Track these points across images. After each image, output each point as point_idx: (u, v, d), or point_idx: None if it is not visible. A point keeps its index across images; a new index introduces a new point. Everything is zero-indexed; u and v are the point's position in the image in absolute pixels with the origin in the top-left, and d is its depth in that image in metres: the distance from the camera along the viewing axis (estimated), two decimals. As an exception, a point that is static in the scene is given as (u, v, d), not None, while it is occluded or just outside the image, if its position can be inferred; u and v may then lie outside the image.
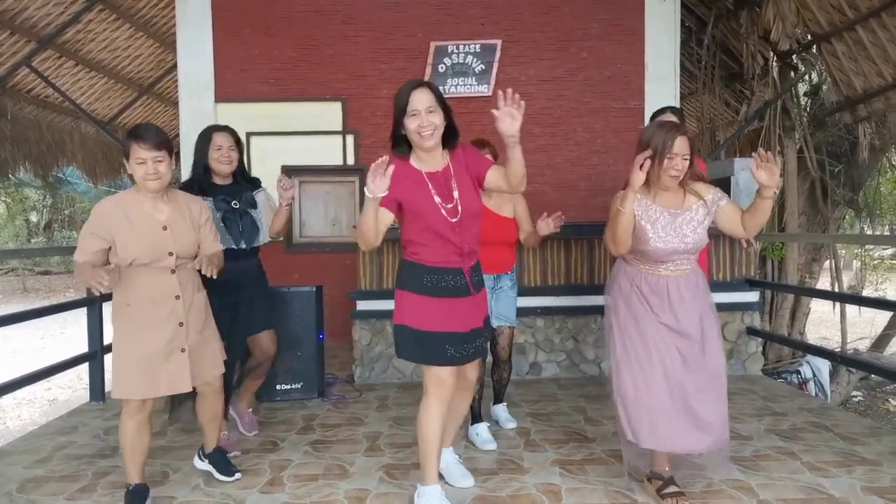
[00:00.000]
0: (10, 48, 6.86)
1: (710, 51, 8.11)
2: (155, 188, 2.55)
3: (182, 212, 2.67)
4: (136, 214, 2.55)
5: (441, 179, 2.49)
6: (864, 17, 5.89)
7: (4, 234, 21.51)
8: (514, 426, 3.64)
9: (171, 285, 2.59)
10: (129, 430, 2.60)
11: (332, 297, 5.02)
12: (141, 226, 2.54)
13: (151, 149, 2.50)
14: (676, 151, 2.58)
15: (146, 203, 2.59)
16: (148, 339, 2.55)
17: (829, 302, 7.73)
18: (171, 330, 2.58)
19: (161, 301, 2.58)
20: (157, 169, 2.52)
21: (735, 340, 4.82)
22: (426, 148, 2.46)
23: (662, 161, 2.58)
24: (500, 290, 3.45)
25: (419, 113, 2.41)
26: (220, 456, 3.00)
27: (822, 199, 7.44)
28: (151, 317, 2.56)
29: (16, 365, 8.83)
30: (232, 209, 3.32)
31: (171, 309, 2.59)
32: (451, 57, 6.49)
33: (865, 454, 3.16)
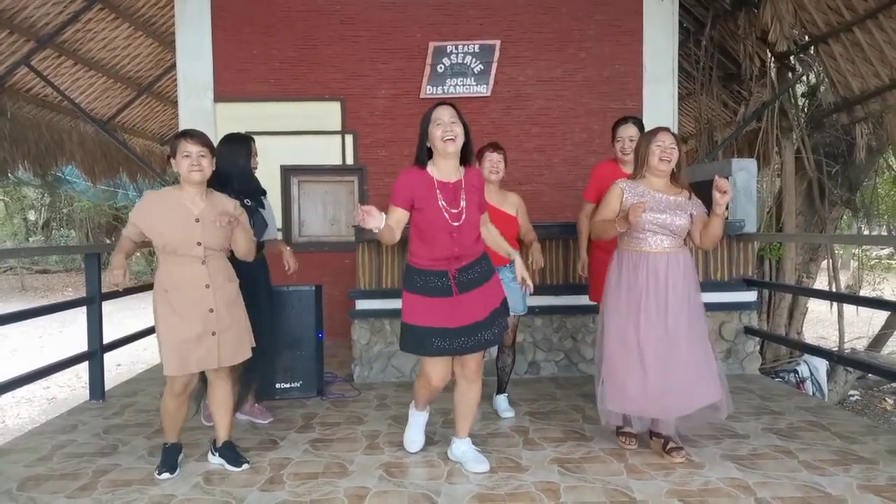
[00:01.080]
0: (9, 47, 6.86)
1: (708, 52, 8.14)
2: (197, 179, 2.85)
3: (215, 208, 2.92)
4: (173, 206, 2.86)
5: (451, 189, 2.86)
6: (861, 18, 5.92)
7: (2, 232, 21.49)
8: (511, 416, 3.85)
9: (201, 275, 2.88)
10: (170, 407, 2.97)
11: (332, 297, 5.05)
12: (175, 216, 2.84)
13: (197, 144, 2.84)
14: (662, 141, 3.06)
15: (185, 197, 2.88)
16: (183, 324, 2.85)
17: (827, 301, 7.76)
18: (201, 317, 2.87)
19: (192, 290, 2.87)
20: (201, 162, 2.84)
21: (733, 340, 4.84)
22: (447, 153, 2.82)
23: (650, 147, 3.07)
24: (503, 282, 3.42)
25: (443, 122, 2.79)
26: (228, 449, 3.11)
27: (819, 200, 7.47)
28: (184, 303, 2.85)
29: (15, 363, 8.84)
30: (244, 205, 3.39)
31: (200, 297, 2.87)
32: (449, 57, 6.51)
33: (862, 453, 3.18)
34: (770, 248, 7.26)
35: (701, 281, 4.76)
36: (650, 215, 3.02)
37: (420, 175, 2.86)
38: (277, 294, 4.23)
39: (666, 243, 3.08)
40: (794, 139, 7.39)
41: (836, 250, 8.14)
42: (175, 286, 2.85)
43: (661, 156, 3.05)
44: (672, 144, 3.06)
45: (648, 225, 3.04)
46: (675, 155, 3.07)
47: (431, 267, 2.87)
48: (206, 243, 2.86)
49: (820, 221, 7.58)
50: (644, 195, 3.07)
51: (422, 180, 2.85)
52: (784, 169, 7.31)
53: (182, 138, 2.85)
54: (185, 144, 2.82)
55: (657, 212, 3.04)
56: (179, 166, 2.84)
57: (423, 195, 2.82)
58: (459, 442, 3.12)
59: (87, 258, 4.49)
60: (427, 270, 2.88)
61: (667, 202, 3.07)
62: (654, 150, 3.06)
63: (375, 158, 6.49)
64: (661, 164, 3.06)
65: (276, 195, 6.46)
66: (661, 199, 3.08)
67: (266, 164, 6.38)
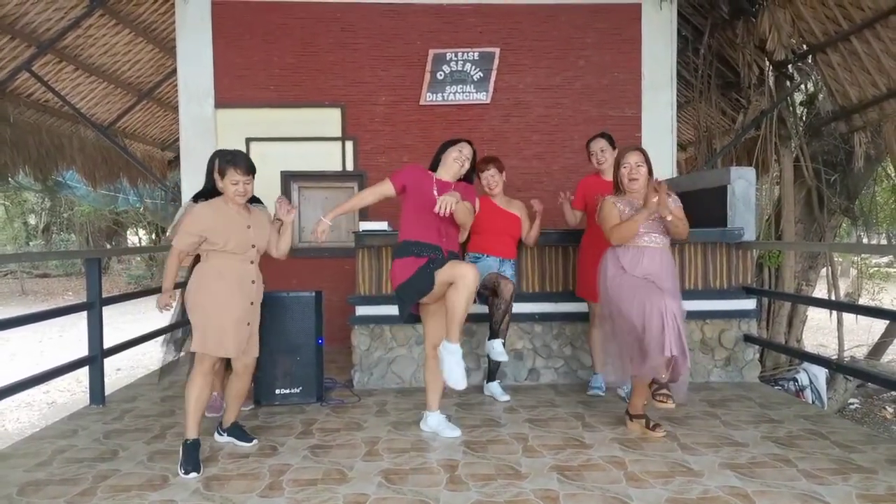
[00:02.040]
0: (10, 52, 6.88)
1: (707, 60, 8.18)
2: (241, 202, 3.31)
3: (257, 217, 3.41)
4: (229, 217, 3.28)
5: (444, 186, 3.55)
6: (858, 27, 5.96)
7: (3, 236, 21.48)
8: (507, 399, 4.33)
9: (250, 272, 3.35)
10: (197, 385, 3.23)
11: (331, 303, 5.04)
12: (233, 225, 3.27)
13: (245, 174, 3.25)
14: (628, 161, 3.59)
15: (233, 209, 3.31)
16: (232, 311, 3.24)
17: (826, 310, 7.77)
18: (245, 307, 3.29)
19: (242, 282, 3.29)
20: (246, 189, 3.28)
21: (732, 348, 4.85)
22: (451, 171, 3.61)
23: (620, 172, 3.62)
24: (503, 272, 4.27)
25: (462, 153, 3.62)
26: (236, 429, 3.52)
27: (818, 208, 7.49)
28: (235, 294, 3.25)
29: (15, 368, 8.83)
30: None
31: (248, 290, 3.31)
32: (449, 64, 6.54)
33: (861, 462, 3.18)
34: (769, 257, 7.28)
35: (700, 289, 4.83)
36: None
37: (425, 172, 3.63)
38: (278, 300, 4.24)
39: (658, 241, 3.58)
40: (793, 147, 7.42)
41: (835, 258, 8.16)
42: (227, 277, 3.24)
43: (630, 176, 3.59)
44: (638, 162, 3.58)
45: (642, 228, 3.54)
46: (642, 173, 3.57)
47: (427, 239, 3.45)
48: (258, 246, 3.36)
49: (819, 229, 7.60)
50: (634, 206, 3.59)
51: (425, 175, 3.60)
52: (783, 177, 7.33)
53: (231, 167, 3.21)
54: (235, 174, 3.21)
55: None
56: (226, 188, 3.25)
57: (421, 184, 3.52)
58: (432, 414, 3.68)
59: (87, 263, 4.49)
60: (423, 242, 3.45)
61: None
62: (623, 171, 3.61)
63: (375, 165, 6.51)
64: (631, 184, 3.60)
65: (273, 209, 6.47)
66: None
67: (266, 171, 6.43)
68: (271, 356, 4.26)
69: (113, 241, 21.82)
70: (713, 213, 5.02)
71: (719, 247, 4.87)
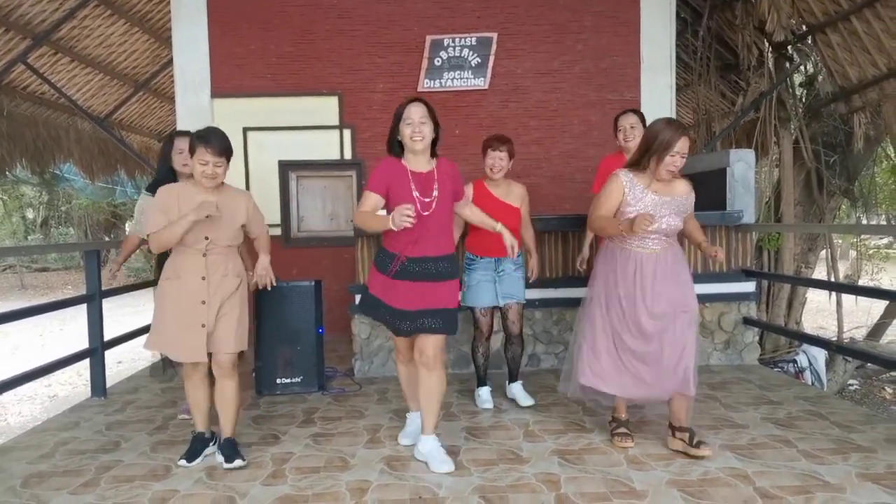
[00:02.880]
0: (5, 45, 6.84)
1: (706, 42, 8.12)
2: (209, 185, 2.94)
3: (227, 204, 3.00)
4: (185, 201, 2.92)
5: (424, 179, 3.02)
6: (858, 7, 5.91)
7: (1, 231, 21.47)
8: (531, 403, 3.89)
9: (198, 267, 2.96)
10: (187, 387, 3.14)
11: (331, 292, 5.05)
12: (185, 211, 2.87)
13: (215, 154, 2.88)
14: (678, 150, 2.92)
15: (198, 193, 2.95)
16: (176, 312, 2.95)
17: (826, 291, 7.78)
18: (192, 307, 2.95)
19: (188, 280, 2.95)
20: (216, 171, 2.92)
21: (731, 330, 4.85)
22: (415, 150, 2.99)
23: (664, 157, 2.93)
24: (503, 273, 3.81)
25: (413, 122, 2.94)
26: (229, 445, 3.10)
27: (817, 189, 7.47)
28: (178, 294, 2.95)
29: (16, 361, 8.86)
30: None
31: (195, 288, 2.95)
32: (447, 50, 6.49)
33: (861, 442, 3.20)
34: (769, 239, 7.27)
35: (700, 272, 4.82)
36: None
37: (395, 165, 3.04)
38: (277, 290, 4.23)
39: (657, 245, 3.06)
40: (793, 129, 7.39)
41: (834, 240, 8.15)
42: (175, 276, 2.97)
43: (672, 168, 2.96)
44: (684, 153, 2.96)
45: (642, 231, 2.94)
46: (682, 164, 2.99)
47: (392, 249, 3.03)
48: (213, 238, 2.95)
49: (818, 211, 7.59)
50: (643, 197, 3.01)
51: (397, 170, 3.02)
52: (782, 159, 7.31)
53: (201, 144, 2.87)
54: (204, 153, 2.86)
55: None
56: (194, 168, 2.92)
57: (398, 183, 2.99)
58: (425, 439, 3.05)
59: (86, 255, 4.49)
60: (387, 251, 3.05)
61: (663, 204, 3.01)
62: (667, 158, 2.93)
63: (373, 153, 6.48)
64: (669, 174, 3.00)
65: (274, 191, 6.46)
66: (659, 201, 3.01)
67: (264, 160, 6.44)
68: (272, 346, 4.27)
69: (111, 234, 21.81)
70: (713, 196, 5.01)
71: (719, 229, 4.86)
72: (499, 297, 3.79)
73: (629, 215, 2.98)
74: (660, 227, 3.00)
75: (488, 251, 3.75)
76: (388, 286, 3.02)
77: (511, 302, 3.81)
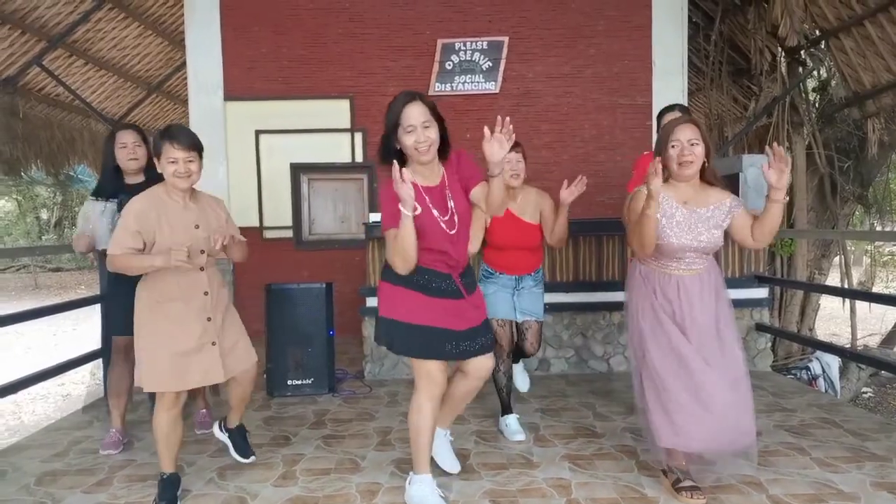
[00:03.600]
0: (21, 47, 6.92)
1: (718, 46, 8.10)
2: (184, 186, 2.64)
3: (207, 211, 2.76)
4: (170, 214, 2.63)
5: (438, 193, 2.52)
6: (872, 11, 5.87)
7: (16, 231, 21.68)
8: (522, 438, 3.42)
9: (200, 282, 2.69)
10: (163, 423, 2.66)
11: (342, 294, 5.06)
12: (176, 226, 2.63)
13: (183, 149, 2.59)
14: (679, 138, 2.58)
15: (177, 203, 2.67)
16: (181, 335, 2.63)
17: (839, 298, 7.72)
18: (201, 325, 2.67)
19: (191, 298, 2.67)
20: (189, 168, 2.62)
21: (744, 337, 4.82)
22: (423, 162, 2.48)
23: (668, 151, 2.60)
24: (522, 290, 3.50)
25: (415, 129, 2.41)
26: (239, 435, 3.11)
27: (831, 195, 7.42)
28: (183, 313, 2.64)
29: (29, 361, 8.93)
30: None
31: (201, 306, 2.68)
32: (458, 54, 6.51)
33: (875, 450, 3.17)
34: (782, 245, 7.22)
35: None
36: (677, 239, 2.62)
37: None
38: (288, 292, 4.26)
39: (696, 264, 2.70)
40: (806, 134, 7.35)
41: (848, 246, 8.09)
42: (172, 296, 2.64)
43: (680, 159, 2.57)
44: (694, 139, 2.56)
45: (676, 252, 2.65)
46: (698, 151, 2.56)
47: (432, 267, 2.53)
48: (209, 250, 2.66)
49: (832, 217, 7.54)
50: (672, 214, 2.63)
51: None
52: (795, 165, 7.26)
53: (166, 141, 2.58)
54: (171, 150, 2.57)
55: (684, 232, 2.62)
56: (164, 170, 2.61)
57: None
58: (437, 433, 2.86)
59: (99, 255, 4.51)
60: (430, 269, 2.53)
61: (696, 218, 2.63)
62: (672, 154, 2.58)
63: (385, 156, 6.49)
64: (682, 169, 2.59)
65: (286, 193, 6.49)
66: (690, 215, 2.63)
67: (276, 163, 6.48)
68: (283, 348, 4.28)
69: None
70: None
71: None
72: (517, 312, 3.47)
73: (667, 241, 2.63)
74: (693, 246, 2.63)
75: (508, 269, 3.46)
76: (444, 308, 2.55)
77: (530, 320, 3.51)
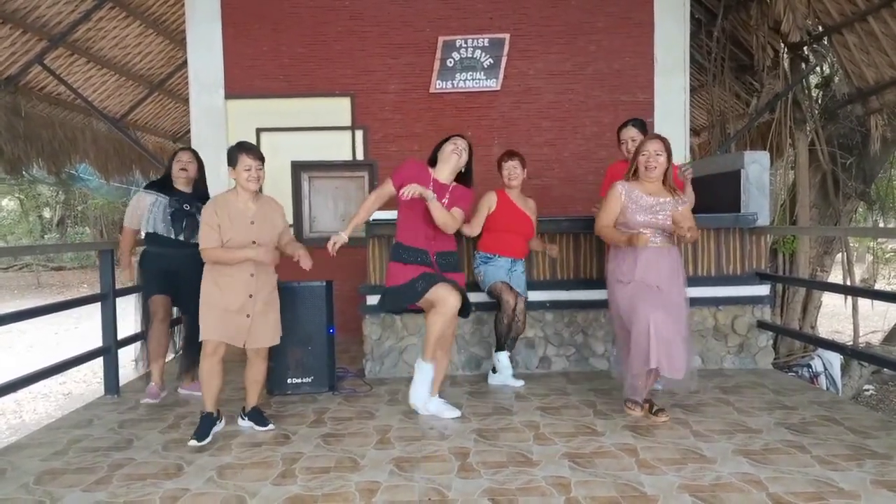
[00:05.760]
0: (22, 46, 6.92)
1: (720, 43, 8.07)
2: (254, 188, 3.43)
3: (266, 212, 3.50)
4: (233, 210, 3.41)
5: (440, 187, 3.69)
6: (875, 7, 5.84)
7: (18, 230, 21.74)
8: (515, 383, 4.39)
9: (249, 266, 3.43)
10: (205, 367, 3.43)
11: (342, 292, 5.05)
12: (236, 219, 3.40)
13: (256, 159, 3.39)
14: (648, 149, 3.59)
15: (240, 202, 3.44)
16: (226, 302, 3.39)
17: (841, 295, 7.69)
18: (243, 297, 3.41)
19: (240, 276, 3.42)
20: (259, 175, 3.42)
21: (745, 334, 4.81)
22: (449, 162, 3.70)
23: (638, 158, 3.60)
24: (515, 272, 4.33)
25: (458, 146, 3.72)
26: (256, 413, 3.62)
27: (833, 192, 7.39)
28: (232, 284, 3.40)
29: (31, 359, 8.95)
30: (182, 209, 4.20)
31: (245, 282, 3.42)
32: (459, 52, 6.49)
33: (876, 448, 3.15)
34: (783, 242, 7.20)
35: (713, 274, 4.80)
36: (641, 217, 3.56)
37: (424, 168, 3.72)
38: (288, 290, 4.24)
39: (657, 239, 3.60)
40: (808, 131, 7.32)
41: (850, 243, 8.07)
42: (228, 272, 3.39)
43: (646, 164, 3.58)
44: (658, 151, 3.56)
45: (639, 227, 3.56)
46: (660, 161, 3.56)
47: (414, 244, 3.63)
48: (259, 241, 3.43)
49: (834, 214, 7.51)
50: (638, 199, 3.59)
51: (423, 172, 3.69)
52: (797, 161, 7.24)
53: (243, 153, 3.36)
54: (247, 159, 3.35)
55: (646, 213, 3.57)
56: (238, 176, 3.37)
57: (421, 181, 3.57)
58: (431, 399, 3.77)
59: (101, 255, 4.53)
60: (412, 247, 3.63)
61: (654, 204, 3.58)
62: (641, 159, 3.60)
63: (385, 154, 6.49)
64: (647, 172, 3.59)
65: (286, 191, 6.49)
66: (651, 201, 3.59)
67: (277, 161, 6.46)
68: (283, 346, 4.25)
69: (127, 234, 21.98)
70: (727, 198, 4.97)
71: (733, 232, 4.82)
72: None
73: (632, 217, 3.58)
74: (651, 223, 3.56)
75: (504, 251, 4.29)
76: (420, 270, 3.59)
77: (520, 296, 4.28)
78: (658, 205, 3.59)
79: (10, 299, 15.71)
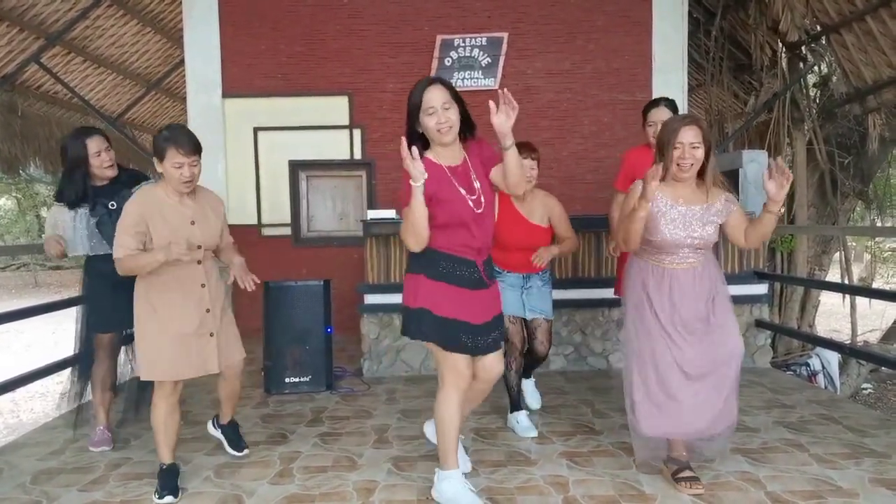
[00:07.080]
0: (19, 45, 6.90)
1: (719, 42, 8.06)
2: (188, 190, 2.72)
3: (204, 206, 2.83)
4: (167, 211, 2.70)
5: (462, 173, 2.55)
6: (874, 7, 5.84)
7: (15, 229, 21.69)
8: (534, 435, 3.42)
9: (198, 275, 2.78)
10: (161, 411, 2.75)
11: (340, 291, 5.04)
12: (173, 222, 2.69)
13: (189, 154, 2.65)
14: (682, 140, 2.60)
15: (174, 199, 2.73)
16: (179, 326, 2.71)
17: (839, 294, 7.70)
18: (199, 316, 2.76)
19: (189, 290, 2.75)
20: (193, 172, 2.68)
21: (744, 333, 4.79)
22: (445, 143, 2.53)
23: (670, 152, 2.62)
24: (531, 288, 3.49)
25: (436, 110, 2.48)
26: (232, 430, 3.19)
27: (831, 191, 7.40)
28: (182, 304, 2.73)
29: (29, 358, 8.93)
30: (108, 212, 3.23)
31: (199, 297, 2.77)
32: (457, 50, 6.48)
33: (874, 446, 3.16)
34: (782, 241, 7.21)
35: (711, 274, 4.76)
36: (670, 232, 2.66)
37: (428, 165, 2.45)
38: (286, 289, 4.24)
39: (691, 258, 2.73)
40: (806, 130, 7.32)
41: (848, 242, 8.07)
42: (171, 288, 2.71)
43: (680, 162, 2.60)
44: (696, 142, 2.59)
45: (670, 247, 2.69)
46: (698, 154, 2.60)
47: (458, 253, 2.52)
48: (205, 244, 2.78)
49: (832, 213, 7.52)
50: (668, 210, 2.67)
51: (434, 171, 2.46)
52: (795, 160, 7.24)
53: (171, 147, 2.60)
54: (177, 155, 2.61)
55: (678, 228, 2.66)
56: (168, 174, 2.65)
57: (442, 187, 2.48)
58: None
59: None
60: (454, 256, 2.52)
61: (691, 215, 2.67)
62: (673, 155, 2.61)
63: (383, 153, 6.48)
64: (680, 171, 2.63)
65: (284, 190, 6.48)
66: (686, 212, 2.67)
67: (274, 159, 6.46)
68: (281, 345, 4.28)
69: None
70: (724, 198, 4.96)
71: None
72: (526, 309, 3.45)
73: (657, 230, 2.68)
74: (688, 243, 2.68)
75: (515, 267, 3.44)
76: (464, 300, 2.53)
77: (539, 318, 3.46)
78: (694, 216, 2.67)
79: (8, 299, 15.67)
